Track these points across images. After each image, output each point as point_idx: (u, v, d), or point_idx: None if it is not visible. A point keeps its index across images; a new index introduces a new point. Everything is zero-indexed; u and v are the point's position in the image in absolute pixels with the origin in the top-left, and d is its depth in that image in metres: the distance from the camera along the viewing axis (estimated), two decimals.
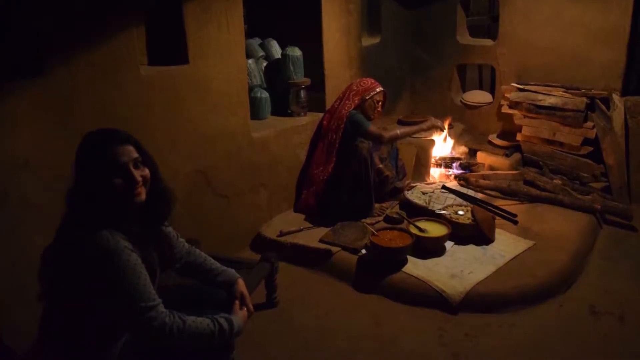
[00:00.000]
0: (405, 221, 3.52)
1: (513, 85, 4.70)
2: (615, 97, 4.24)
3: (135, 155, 1.71)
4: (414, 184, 4.18)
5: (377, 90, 3.86)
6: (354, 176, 3.65)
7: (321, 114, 4.03)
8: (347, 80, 4.22)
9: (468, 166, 4.57)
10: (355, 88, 3.86)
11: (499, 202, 3.93)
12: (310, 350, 2.63)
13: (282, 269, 3.04)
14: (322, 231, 3.54)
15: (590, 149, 4.27)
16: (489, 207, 3.76)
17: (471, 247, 3.34)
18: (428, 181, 4.43)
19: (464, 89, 5.61)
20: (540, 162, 4.47)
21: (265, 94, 3.96)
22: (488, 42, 5.11)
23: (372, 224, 3.55)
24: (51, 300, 1.73)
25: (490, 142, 4.85)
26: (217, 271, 2.13)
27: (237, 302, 2.04)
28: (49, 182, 2.30)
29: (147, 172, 1.75)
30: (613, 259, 3.42)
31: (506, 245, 3.35)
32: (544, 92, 4.45)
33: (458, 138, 4.91)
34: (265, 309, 2.94)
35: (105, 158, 1.65)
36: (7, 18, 2.22)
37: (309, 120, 4.04)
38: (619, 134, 4.14)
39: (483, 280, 2.98)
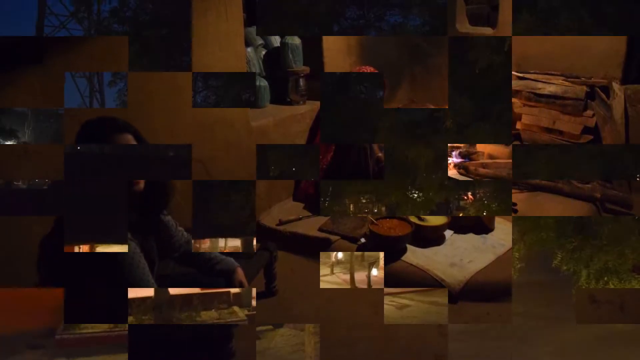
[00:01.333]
0: None
1: (512, 74, 4.67)
2: (615, 86, 4.21)
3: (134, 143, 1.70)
4: None
5: None
6: (353, 165, 3.63)
7: None
8: (347, 69, 4.20)
9: (467, 154, 4.55)
10: None
11: None
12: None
13: (281, 258, 3.03)
14: (321, 220, 3.52)
15: (590, 137, 4.24)
16: None
17: (471, 236, 3.33)
18: None
19: None
20: None
21: (264, 83, 3.94)
22: (488, 30, 5.07)
23: None
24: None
25: None
26: (215, 260, 2.13)
27: None
28: (47, 171, 2.29)
29: None
30: None
31: (506, 234, 3.33)
32: (543, 80, 4.43)
33: None
34: (264, 298, 2.94)
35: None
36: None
37: (308, 109, 4.02)
38: (618, 123, 4.12)
39: (483, 269, 2.98)
